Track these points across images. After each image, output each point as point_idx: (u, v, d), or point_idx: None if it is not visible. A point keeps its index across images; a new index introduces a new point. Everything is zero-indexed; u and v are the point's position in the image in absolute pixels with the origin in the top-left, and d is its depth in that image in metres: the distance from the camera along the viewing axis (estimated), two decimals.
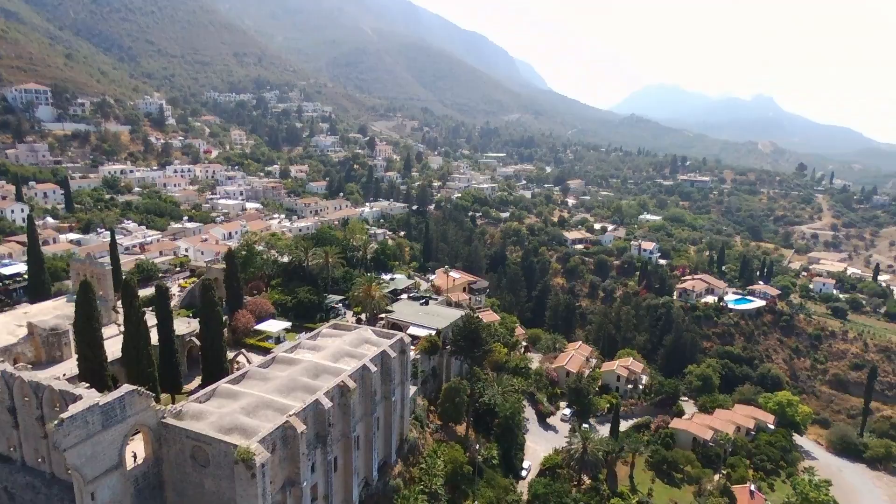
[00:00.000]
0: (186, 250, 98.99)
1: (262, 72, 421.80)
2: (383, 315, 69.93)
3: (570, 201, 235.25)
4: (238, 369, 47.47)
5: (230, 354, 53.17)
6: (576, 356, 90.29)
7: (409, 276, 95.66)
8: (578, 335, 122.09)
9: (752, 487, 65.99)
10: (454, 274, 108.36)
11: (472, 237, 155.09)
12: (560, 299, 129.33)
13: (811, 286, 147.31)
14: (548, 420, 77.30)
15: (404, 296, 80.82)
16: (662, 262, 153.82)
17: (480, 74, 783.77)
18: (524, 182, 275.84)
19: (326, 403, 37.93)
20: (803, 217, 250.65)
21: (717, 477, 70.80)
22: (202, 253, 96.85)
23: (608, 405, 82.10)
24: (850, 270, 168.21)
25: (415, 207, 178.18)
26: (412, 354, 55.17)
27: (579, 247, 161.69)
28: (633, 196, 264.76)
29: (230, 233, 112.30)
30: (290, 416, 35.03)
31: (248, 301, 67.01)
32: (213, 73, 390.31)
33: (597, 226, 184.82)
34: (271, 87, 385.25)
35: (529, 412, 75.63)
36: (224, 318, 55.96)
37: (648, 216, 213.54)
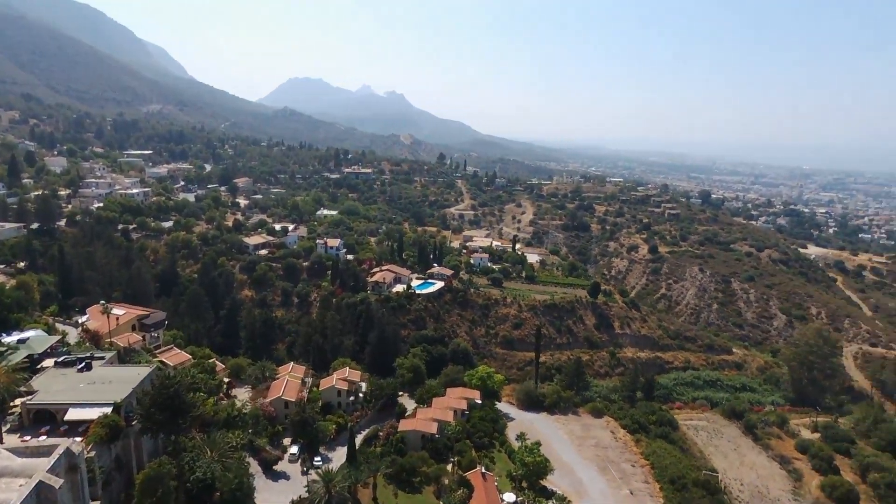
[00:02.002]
0: None
1: None
2: (18, 403, 47.58)
3: (242, 202, 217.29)
4: None
5: None
6: (291, 381, 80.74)
7: (50, 330, 69.66)
8: (281, 350, 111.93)
9: (483, 470, 69.19)
10: (117, 310, 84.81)
11: (132, 256, 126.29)
12: (254, 315, 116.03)
13: (472, 262, 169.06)
14: (275, 467, 66.39)
15: (48, 362, 57.59)
16: (350, 257, 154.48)
17: (104, 57, 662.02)
18: (183, 183, 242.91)
19: None
20: (450, 200, 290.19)
21: (450, 468, 72.27)
22: None
23: (335, 426, 75.79)
24: (495, 244, 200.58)
25: (36, 227, 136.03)
26: (80, 450, 37.50)
27: (264, 252, 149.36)
28: (304, 192, 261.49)
29: None
30: None
31: None
32: None
33: (277, 227, 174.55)
34: None
35: (252, 464, 63.41)
36: None
37: (325, 211, 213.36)
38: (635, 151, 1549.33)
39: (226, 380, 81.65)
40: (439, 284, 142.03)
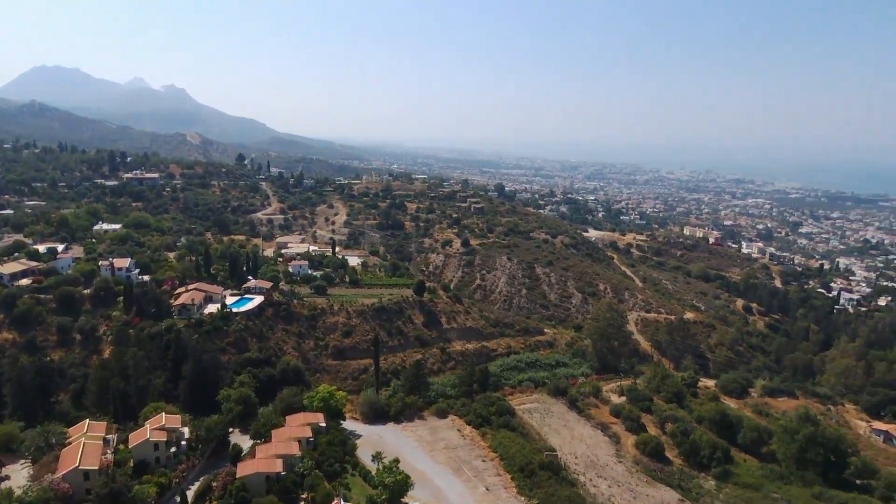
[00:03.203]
0: None
1: None
2: None
3: None
4: None
5: None
6: (89, 445, 65.24)
7: None
8: (65, 404, 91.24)
9: (341, 502, 63.84)
10: None
11: None
12: (20, 364, 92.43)
13: (291, 270, 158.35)
14: None
15: None
16: (145, 278, 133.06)
17: None
18: None
19: None
20: (256, 204, 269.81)
21: None
22: None
23: (157, 489, 63.27)
24: (312, 248, 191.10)
25: None
26: None
27: (26, 282, 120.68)
28: (73, 203, 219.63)
29: None
30: None
31: None
32: None
33: (41, 248, 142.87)
34: None
35: None
36: None
37: (106, 226, 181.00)
38: (431, 148, 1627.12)
39: None
40: (258, 299, 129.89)
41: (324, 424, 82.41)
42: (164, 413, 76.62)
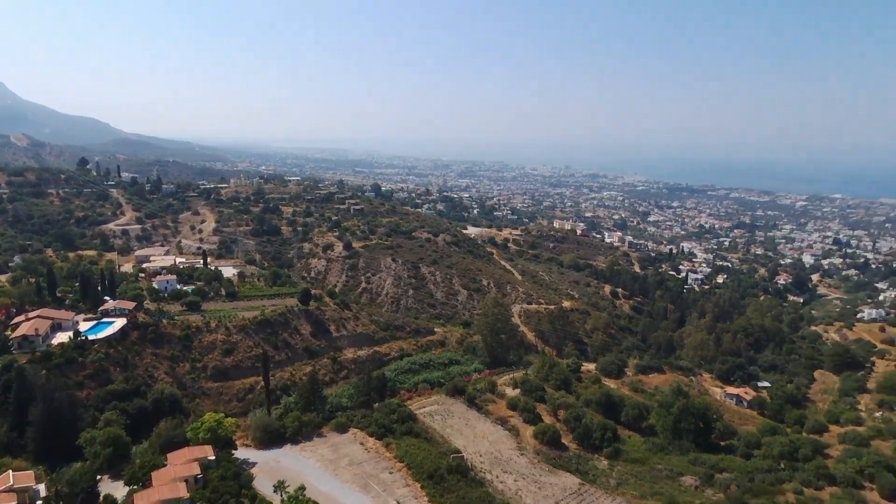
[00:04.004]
0: None
1: None
2: None
3: None
4: None
5: None
6: None
7: None
8: None
9: None
10: None
11: None
12: None
13: (156, 287, 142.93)
14: None
15: None
16: None
17: None
18: None
19: None
20: (107, 215, 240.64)
21: None
22: None
23: None
24: (179, 261, 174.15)
25: None
26: None
27: None
28: None
29: None
30: None
31: None
32: None
33: None
34: None
35: None
36: None
37: None
38: (301, 148, 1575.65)
39: None
40: (120, 322, 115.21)
41: (213, 457, 74.34)
42: (10, 471, 64.20)
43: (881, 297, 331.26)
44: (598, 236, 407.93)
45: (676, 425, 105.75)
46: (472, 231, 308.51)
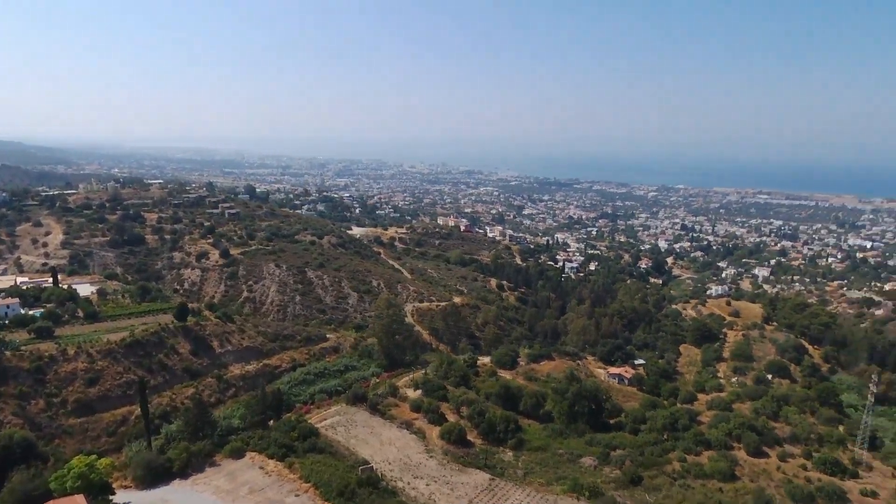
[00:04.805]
0: None
1: None
2: None
3: None
4: None
5: None
6: None
7: None
8: None
9: None
10: None
11: None
12: None
13: None
14: None
15: None
16: None
17: None
18: None
19: None
20: None
21: None
22: None
23: None
24: (21, 281, 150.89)
25: None
26: None
27: None
28: None
29: None
30: None
31: None
32: None
33: None
34: None
35: None
36: None
37: None
38: (160, 148, 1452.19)
39: None
40: None
41: None
42: None
43: (724, 275, 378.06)
44: (480, 231, 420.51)
45: (572, 409, 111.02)
46: (357, 231, 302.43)
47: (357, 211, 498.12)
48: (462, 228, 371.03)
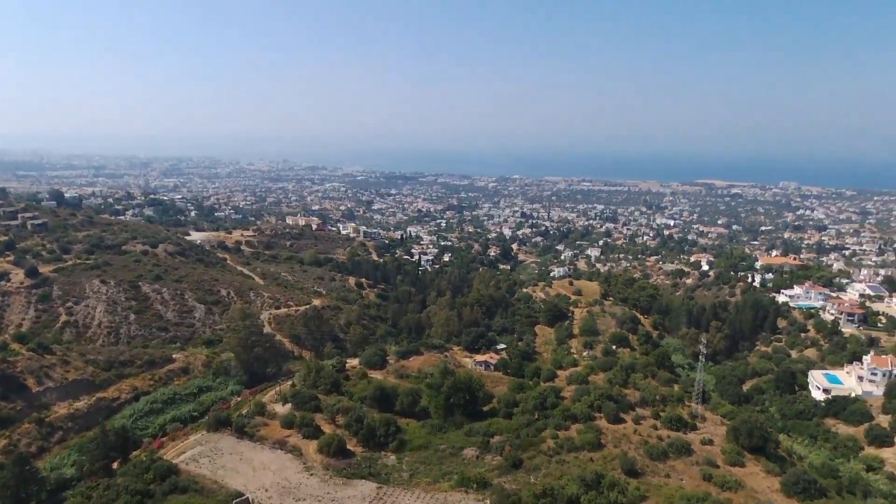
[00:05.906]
0: None
1: None
2: None
3: None
4: None
5: None
6: None
7: None
8: None
9: None
10: None
11: None
12: None
13: None
14: None
15: None
16: None
17: None
18: None
19: None
20: None
21: None
22: None
23: None
24: None
25: None
26: None
27: None
28: None
29: None
30: None
31: None
32: None
33: None
34: None
35: None
36: None
37: None
38: None
39: None
40: None
41: None
42: None
43: (562, 257, 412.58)
44: (333, 229, 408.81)
45: (448, 403, 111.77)
46: (196, 236, 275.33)
47: (193, 214, 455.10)
48: (314, 227, 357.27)
